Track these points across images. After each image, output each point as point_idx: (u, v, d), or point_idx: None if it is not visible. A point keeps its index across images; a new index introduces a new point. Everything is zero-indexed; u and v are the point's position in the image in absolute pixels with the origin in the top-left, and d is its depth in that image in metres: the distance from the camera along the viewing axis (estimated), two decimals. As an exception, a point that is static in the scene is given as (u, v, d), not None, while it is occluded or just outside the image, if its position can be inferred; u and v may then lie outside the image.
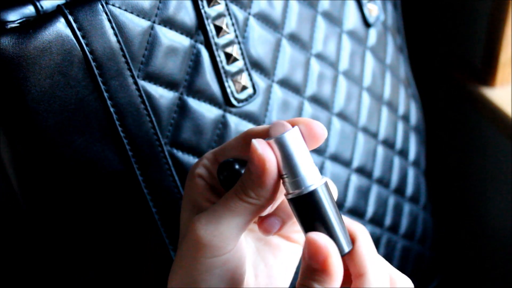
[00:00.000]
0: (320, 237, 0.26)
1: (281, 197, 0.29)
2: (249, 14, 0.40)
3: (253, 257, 0.32)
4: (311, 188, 0.27)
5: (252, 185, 0.27)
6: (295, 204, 0.27)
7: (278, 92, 0.42)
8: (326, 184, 0.27)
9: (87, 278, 0.39)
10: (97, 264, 0.39)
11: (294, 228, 0.32)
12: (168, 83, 0.37)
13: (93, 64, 0.33)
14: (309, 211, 0.27)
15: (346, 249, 0.27)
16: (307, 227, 0.27)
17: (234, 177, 0.29)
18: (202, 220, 0.28)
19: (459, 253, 0.73)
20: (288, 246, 0.33)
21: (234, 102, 0.39)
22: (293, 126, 0.27)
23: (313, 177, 0.27)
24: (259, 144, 0.27)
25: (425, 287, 0.61)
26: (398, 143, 0.54)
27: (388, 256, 0.54)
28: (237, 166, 0.29)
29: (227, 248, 0.28)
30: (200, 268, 0.28)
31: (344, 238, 0.27)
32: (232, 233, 0.28)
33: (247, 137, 0.29)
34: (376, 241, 0.53)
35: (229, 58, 0.39)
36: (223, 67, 0.39)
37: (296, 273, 0.32)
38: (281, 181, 0.27)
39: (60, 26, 0.32)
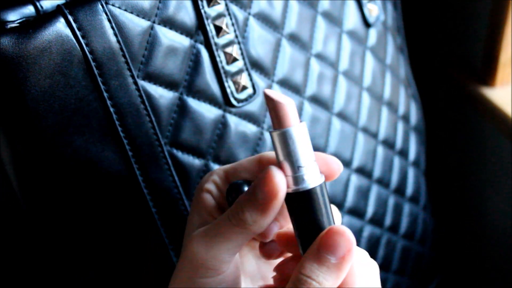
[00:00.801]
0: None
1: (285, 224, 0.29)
2: (249, 14, 0.40)
3: (252, 274, 0.32)
4: (312, 186, 0.26)
5: (254, 211, 0.26)
6: (292, 199, 0.27)
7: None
8: (325, 183, 0.27)
9: (87, 278, 0.39)
10: (97, 264, 0.39)
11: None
12: (168, 83, 0.37)
13: (93, 64, 0.33)
14: (305, 208, 0.27)
15: None
16: (301, 224, 0.27)
17: None
18: (199, 238, 0.28)
19: (459, 253, 0.73)
20: None
21: (234, 102, 0.39)
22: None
23: (314, 175, 0.27)
24: (276, 173, 0.26)
25: (425, 287, 0.61)
26: (398, 143, 0.54)
27: (388, 256, 0.54)
28: (246, 189, 0.28)
29: (221, 269, 0.28)
30: (195, 287, 0.28)
31: None
32: (224, 257, 0.28)
33: (262, 161, 0.29)
34: (376, 241, 0.53)
35: (229, 58, 0.39)
36: (223, 67, 0.39)
37: None
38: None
39: (60, 26, 0.32)
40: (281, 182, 0.26)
